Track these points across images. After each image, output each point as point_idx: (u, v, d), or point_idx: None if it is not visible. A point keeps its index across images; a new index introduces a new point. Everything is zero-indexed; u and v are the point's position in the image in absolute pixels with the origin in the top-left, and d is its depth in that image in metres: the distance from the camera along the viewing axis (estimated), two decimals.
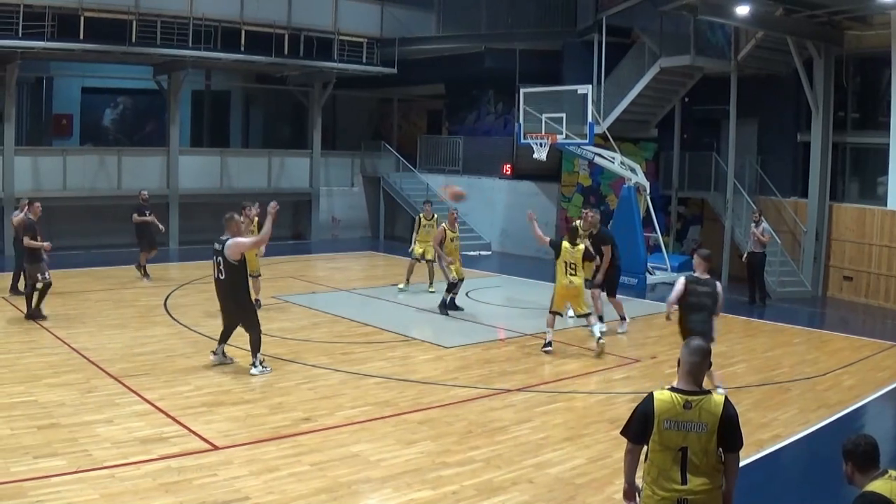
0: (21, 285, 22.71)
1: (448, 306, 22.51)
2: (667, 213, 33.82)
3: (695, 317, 14.48)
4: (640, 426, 7.16)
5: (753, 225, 26.38)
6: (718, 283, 14.87)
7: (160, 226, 27.59)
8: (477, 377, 16.60)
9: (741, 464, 7.88)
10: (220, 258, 16.18)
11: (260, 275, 22.59)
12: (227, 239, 16.35)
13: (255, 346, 16.53)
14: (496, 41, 37.03)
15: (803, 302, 27.12)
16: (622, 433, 7.39)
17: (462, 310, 22.59)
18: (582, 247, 18.89)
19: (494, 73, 37.31)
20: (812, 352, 20.17)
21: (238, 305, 16.52)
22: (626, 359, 18.52)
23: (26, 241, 20.71)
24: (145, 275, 26.88)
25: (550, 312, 18.84)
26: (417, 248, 25.77)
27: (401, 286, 25.67)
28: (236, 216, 17.11)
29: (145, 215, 26.81)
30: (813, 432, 13.84)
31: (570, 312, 21.97)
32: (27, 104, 36.92)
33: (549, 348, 18.63)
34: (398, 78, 38.66)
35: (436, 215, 26.31)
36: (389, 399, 14.86)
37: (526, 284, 27.31)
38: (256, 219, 22.48)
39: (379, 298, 24.89)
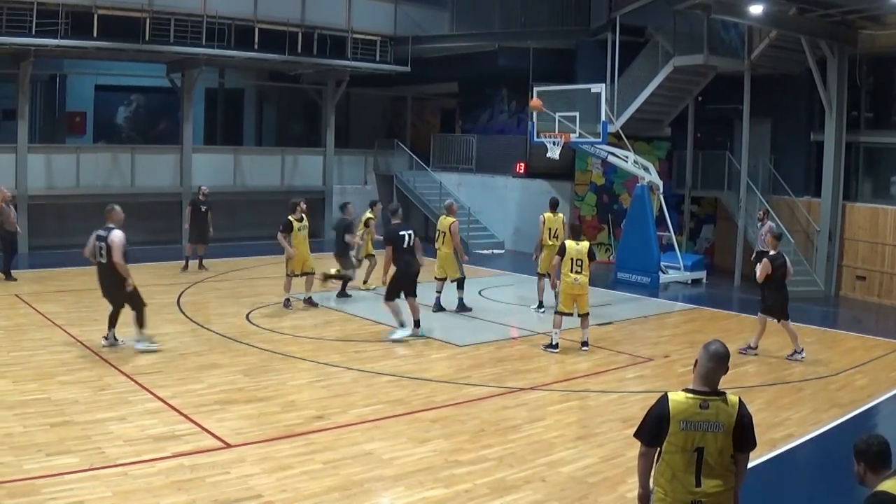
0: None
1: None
2: (680, 212, 33.79)
3: None
4: (654, 428, 7.11)
5: (759, 224, 26.36)
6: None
7: (210, 227, 28.33)
8: (490, 376, 16.62)
9: (754, 462, 7.89)
10: (103, 244, 16.91)
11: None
12: (113, 228, 17.10)
13: (140, 323, 17.35)
14: (510, 40, 37.02)
15: (816, 301, 27.06)
16: (636, 436, 7.35)
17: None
18: (587, 244, 18.96)
19: (508, 72, 37.31)
20: (825, 351, 20.14)
21: (119, 287, 17.11)
22: (639, 357, 18.53)
23: (348, 238, 23.26)
24: (187, 267, 27.93)
25: (557, 313, 18.76)
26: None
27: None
28: (117, 207, 17.58)
29: (200, 210, 27.62)
30: (825, 432, 13.85)
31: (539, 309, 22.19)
32: (40, 102, 36.98)
33: (555, 350, 18.62)
34: (412, 76, 38.68)
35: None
36: (402, 397, 14.89)
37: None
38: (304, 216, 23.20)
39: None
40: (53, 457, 11.11)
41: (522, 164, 37.28)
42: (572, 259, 18.49)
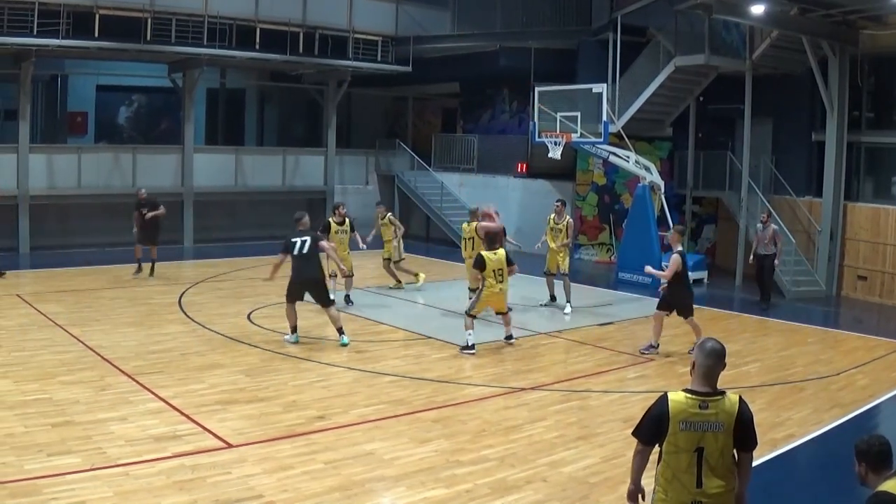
0: None
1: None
2: (681, 212, 33.73)
3: None
4: (653, 428, 7.12)
5: (761, 227, 25.94)
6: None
7: (157, 230, 27.00)
8: (491, 376, 16.63)
9: (755, 462, 7.87)
10: None
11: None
12: None
13: None
14: (511, 40, 36.99)
15: (817, 301, 27.08)
16: (634, 434, 7.36)
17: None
18: (503, 252, 18.74)
19: (509, 72, 37.29)
20: (826, 351, 20.15)
21: None
22: (641, 358, 18.51)
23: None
24: (140, 270, 26.69)
25: (469, 316, 18.54)
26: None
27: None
28: None
29: (144, 214, 26.46)
30: (827, 432, 13.84)
31: (567, 309, 22.21)
32: (42, 102, 37.01)
33: (472, 351, 18.22)
34: (413, 76, 38.68)
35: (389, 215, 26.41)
36: (403, 397, 14.91)
37: (540, 283, 27.31)
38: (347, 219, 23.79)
39: (393, 297, 24.89)
40: (55, 457, 11.12)
41: (524, 165, 37.27)
42: (494, 270, 18.39)
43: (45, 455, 11.23)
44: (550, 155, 28.91)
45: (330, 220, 23.47)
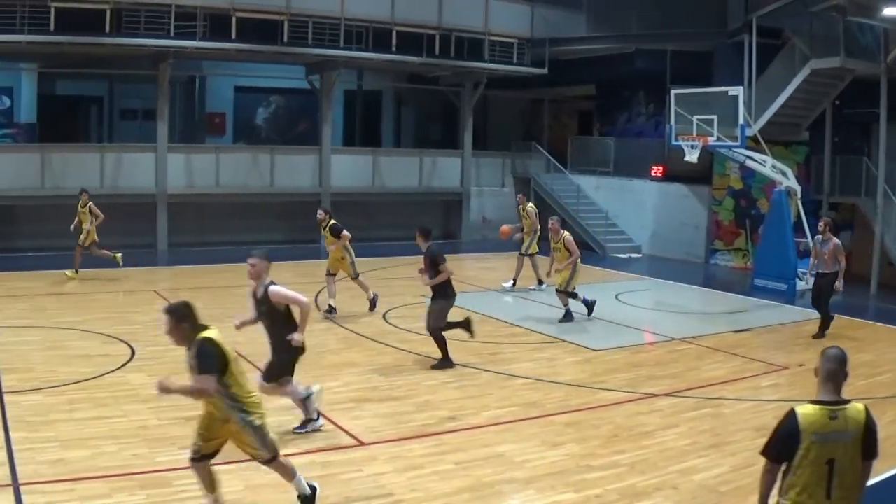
0: None
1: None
2: (818, 217, 33.23)
3: None
4: (783, 445, 7.04)
5: (819, 240, 21.45)
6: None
7: None
8: (624, 381, 16.52)
9: (886, 475, 7.76)
10: None
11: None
12: None
13: None
14: (646, 42, 36.75)
15: None
16: (762, 453, 7.27)
17: None
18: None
19: (645, 74, 37.07)
20: None
21: None
22: (774, 366, 18.24)
23: None
24: None
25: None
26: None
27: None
28: None
29: None
30: None
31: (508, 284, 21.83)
32: (180, 103, 37.72)
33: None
34: (549, 78, 38.65)
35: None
36: (536, 400, 14.91)
37: (675, 288, 27.12)
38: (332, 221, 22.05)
39: (528, 299, 24.84)
40: (186, 450, 11.24)
41: (660, 167, 36.96)
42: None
43: (177, 448, 11.48)
44: (687, 158, 28.72)
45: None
